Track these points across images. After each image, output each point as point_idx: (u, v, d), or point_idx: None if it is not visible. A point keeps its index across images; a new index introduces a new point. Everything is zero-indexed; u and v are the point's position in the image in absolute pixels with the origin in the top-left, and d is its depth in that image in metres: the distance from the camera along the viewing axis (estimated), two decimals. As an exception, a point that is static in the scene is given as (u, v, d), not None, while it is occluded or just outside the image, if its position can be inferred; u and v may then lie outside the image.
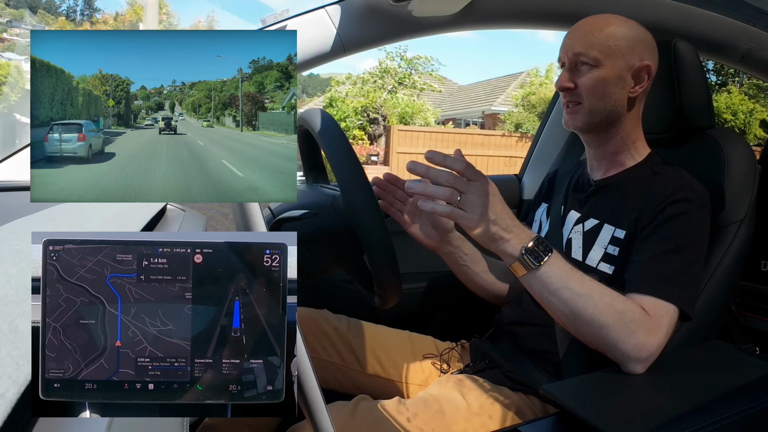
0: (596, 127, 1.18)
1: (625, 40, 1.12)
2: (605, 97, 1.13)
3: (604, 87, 1.13)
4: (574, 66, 1.15)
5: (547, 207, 1.38)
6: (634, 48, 1.13)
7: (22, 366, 0.34)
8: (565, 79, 1.15)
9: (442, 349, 1.39)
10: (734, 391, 0.97)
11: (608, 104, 1.14)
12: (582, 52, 1.12)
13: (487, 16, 1.47)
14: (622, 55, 1.12)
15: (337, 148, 0.99)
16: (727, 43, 1.66)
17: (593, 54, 1.11)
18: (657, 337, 0.98)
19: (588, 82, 1.13)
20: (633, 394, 0.97)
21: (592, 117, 1.15)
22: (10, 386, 0.32)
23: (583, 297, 0.97)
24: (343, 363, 1.34)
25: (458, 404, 1.09)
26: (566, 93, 1.17)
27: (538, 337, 1.20)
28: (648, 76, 1.15)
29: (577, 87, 1.14)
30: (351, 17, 1.36)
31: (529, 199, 2.05)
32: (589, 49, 1.12)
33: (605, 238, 1.15)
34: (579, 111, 1.16)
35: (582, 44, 1.13)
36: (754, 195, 1.23)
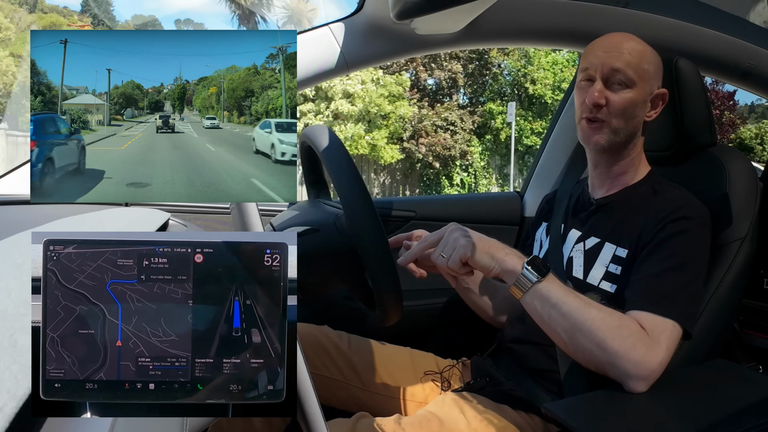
0: (616, 147, 1.18)
1: (653, 66, 1.14)
2: (632, 119, 1.14)
3: (633, 109, 1.13)
4: (607, 82, 1.13)
5: (546, 226, 1.37)
6: (658, 73, 1.16)
7: (21, 381, 0.34)
8: (598, 94, 1.12)
9: (443, 367, 1.38)
10: (738, 410, 0.96)
11: (631, 126, 1.14)
12: (620, 69, 1.11)
13: (489, 34, 1.48)
14: (649, 79, 1.14)
15: (340, 166, 0.99)
16: (728, 61, 1.67)
17: (630, 74, 1.11)
18: (656, 354, 0.97)
19: (620, 102, 1.12)
20: (635, 413, 0.96)
21: (616, 137, 1.15)
22: (9, 401, 0.31)
23: (582, 311, 0.98)
24: (344, 380, 1.33)
25: (458, 422, 1.08)
26: (595, 109, 1.14)
27: (541, 356, 1.19)
28: (662, 103, 1.17)
29: (608, 104, 1.13)
30: (354, 34, 1.37)
31: (530, 216, 2.05)
32: (627, 67, 1.11)
33: (607, 257, 1.15)
34: (603, 129, 1.14)
35: (620, 62, 1.12)
36: (756, 212, 1.23)
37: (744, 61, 1.68)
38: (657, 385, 0.98)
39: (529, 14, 1.49)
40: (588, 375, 1.07)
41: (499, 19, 1.45)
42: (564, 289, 1.01)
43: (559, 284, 1.01)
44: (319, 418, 0.57)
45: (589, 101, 1.13)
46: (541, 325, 1.03)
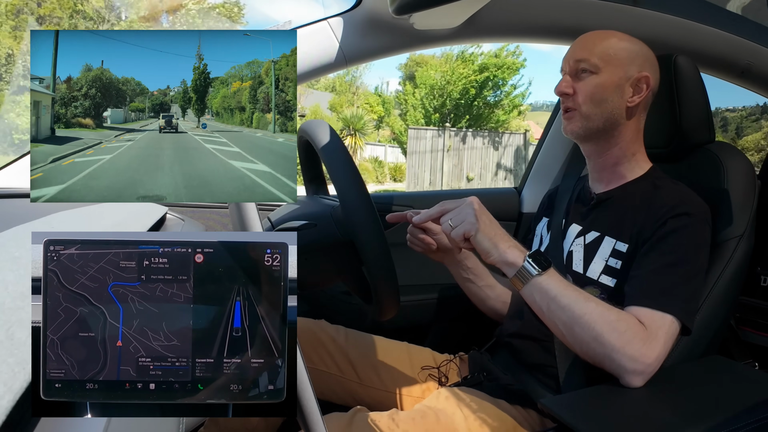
0: (594, 135, 1.19)
1: (625, 52, 1.16)
2: (602, 103, 1.15)
3: (602, 93, 1.15)
4: (575, 73, 1.18)
5: (547, 221, 1.38)
6: (634, 60, 1.16)
7: (18, 374, 0.34)
8: (564, 84, 1.18)
9: (440, 361, 1.39)
10: (734, 407, 0.96)
11: (605, 111, 1.16)
12: (583, 59, 1.16)
13: (488, 29, 1.48)
14: (621, 65, 1.15)
15: (337, 159, 0.99)
16: (726, 59, 1.67)
17: (593, 60, 1.15)
18: (654, 349, 0.97)
19: (586, 88, 1.16)
20: (632, 409, 0.96)
21: (589, 123, 1.17)
22: (5, 393, 0.31)
23: (580, 304, 0.99)
24: (341, 374, 1.33)
25: (455, 417, 1.08)
26: (565, 98, 1.19)
27: (538, 351, 1.20)
28: (647, 86, 1.16)
29: (576, 93, 1.17)
30: (353, 29, 1.37)
31: (528, 212, 2.05)
32: (590, 56, 1.15)
33: (606, 251, 1.15)
34: (575, 117, 1.18)
35: (583, 51, 1.17)
36: (753, 210, 1.23)
37: (743, 58, 1.68)
38: (653, 380, 0.98)
39: (527, 10, 1.49)
40: (586, 370, 1.08)
41: (497, 15, 1.45)
42: (564, 282, 1.02)
43: (558, 278, 1.02)
44: (317, 413, 0.58)
45: (556, 91, 1.21)
46: (540, 316, 1.04)
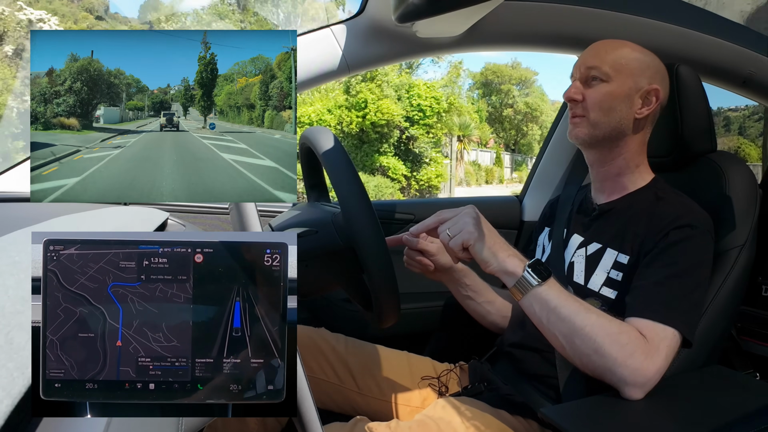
0: (599, 143, 1.18)
1: (637, 62, 1.15)
2: (610, 112, 1.15)
3: (611, 102, 1.14)
4: (585, 79, 1.18)
5: (549, 231, 1.37)
6: (645, 71, 1.16)
7: (16, 378, 0.33)
8: (574, 90, 1.18)
9: (440, 371, 1.38)
10: (735, 417, 0.95)
11: (612, 120, 1.15)
12: (594, 66, 1.16)
13: (490, 38, 1.48)
14: (631, 75, 1.15)
15: (339, 165, 0.99)
16: (728, 68, 1.67)
17: (605, 69, 1.15)
18: (655, 362, 0.96)
19: (595, 95, 1.15)
20: (632, 419, 0.95)
21: (595, 130, 1.16)
22: (4, 398, 0.31)
23: (581, 316, 0.98)
24: (340, 383, 1.33)
25: (455, 427, 1.08)
26: (573, 105, 1.19)
27: (539, 361, 1.19)
28: (656, 99, 1.16)
29: (585, 99, 1.17)
30: (356, 37, 1.37)
31: (529, 220, 2.05)
32: (602, 63, 1.15)
33: (608, 263, 1.15)
34: (582, 122, 1.18)
35: (595, 59, 1.16)
36: (755, 219, 1.23)
37: (745, 68, 1.68)
38: (654, 391, 0.98)
39: (531, 19, 1.49)
40: (586, 381, 1.07)
41: (500, 23, 1.45)
42: (564, 293, 1.01)
43: (559, 288, 1.01)
44: (316, 420, 0.57)
45: (564, 97, 1.20)
46: (540, 328, 1.03)
